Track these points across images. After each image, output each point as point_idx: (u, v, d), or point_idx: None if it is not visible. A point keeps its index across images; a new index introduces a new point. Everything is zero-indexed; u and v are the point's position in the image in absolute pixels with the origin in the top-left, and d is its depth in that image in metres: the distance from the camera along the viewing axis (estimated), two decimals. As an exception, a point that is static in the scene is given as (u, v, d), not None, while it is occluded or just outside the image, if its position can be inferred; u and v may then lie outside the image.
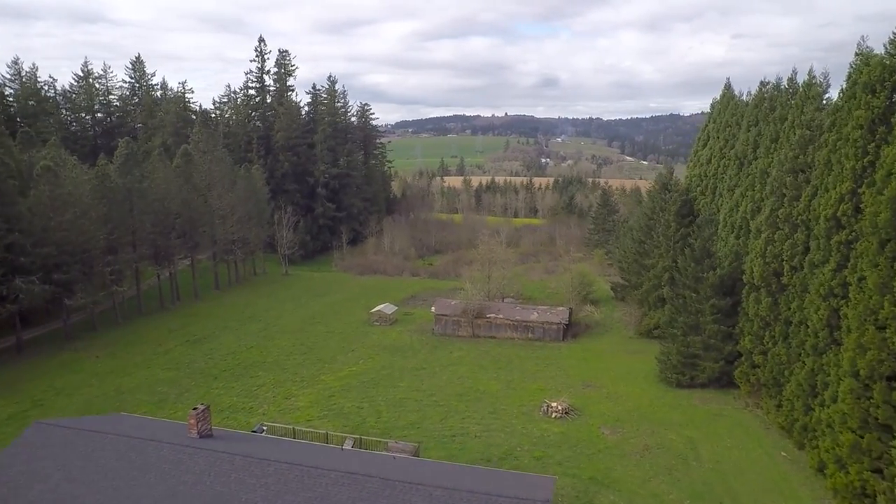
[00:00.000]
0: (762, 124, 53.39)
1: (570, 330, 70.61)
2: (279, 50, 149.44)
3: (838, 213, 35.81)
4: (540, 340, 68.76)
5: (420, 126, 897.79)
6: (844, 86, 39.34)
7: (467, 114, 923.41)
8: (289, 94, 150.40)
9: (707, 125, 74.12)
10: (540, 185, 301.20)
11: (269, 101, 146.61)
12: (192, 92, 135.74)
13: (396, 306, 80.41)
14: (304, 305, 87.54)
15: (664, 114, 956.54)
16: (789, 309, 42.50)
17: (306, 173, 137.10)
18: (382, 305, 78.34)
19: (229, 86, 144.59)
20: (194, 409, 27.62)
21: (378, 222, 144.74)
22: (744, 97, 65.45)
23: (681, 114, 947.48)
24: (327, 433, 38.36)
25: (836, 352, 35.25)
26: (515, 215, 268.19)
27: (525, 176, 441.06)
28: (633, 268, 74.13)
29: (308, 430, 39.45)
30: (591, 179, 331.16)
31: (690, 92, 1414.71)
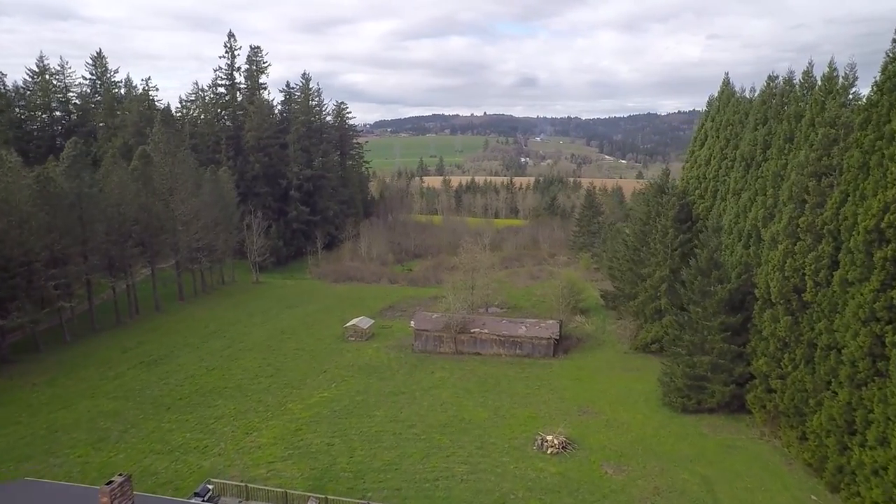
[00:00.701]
0: (773, 122, 48.66)
1: (561, 344, 65.46)
2: (251, 46, 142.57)
3: (882, 225, 30.94)
4: (529, 357, 63.47)
5: (399, 126, 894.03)
6: (878, 78, 34.62)
7: (446, 113, 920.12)
8: (261, 92, 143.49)
9: (704, 123, 69.44)
10: (520, 184, 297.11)
11: (239, 99, 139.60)
12: (157, 90, 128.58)
13: (373, 319, 74.62)
14: (275, 318, 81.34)
15: (641, 113, 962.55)
16: (813, 330, 37.68)
17: (279, 175, 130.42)
18: (358, 319, 72.52)
19: (197, 83, 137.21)
20: (109, 482, 21.74)
21: (355, 226, 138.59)
22: (746, 93, 60.87)
23: (658, 113, 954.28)
24: (286, 492, 32.43)
25: (882, 385, 30.42)
26: (496, 216, 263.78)
27: (505, 175, 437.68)
28: (627, 276, 69.20)
29: (264, 487, 33.49)
30: (571, 179, 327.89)
31: (667, 91, 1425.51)
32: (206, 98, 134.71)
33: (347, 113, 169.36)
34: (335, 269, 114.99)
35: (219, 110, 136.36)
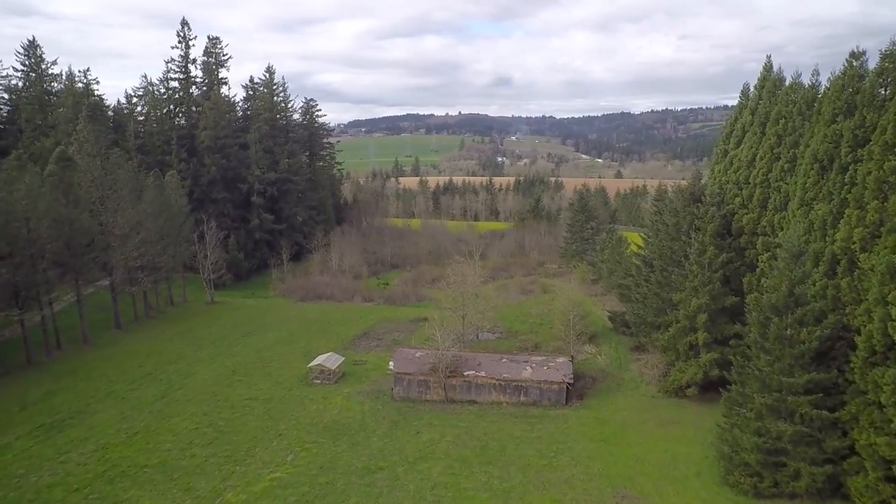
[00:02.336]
0: (866, 112, 37.07)
1: (574, 387, 53.41)
2: (209, 37, 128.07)
3: None
4: (536, 405, 51.26)
5: (374, 125, 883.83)
6: None
7: (421, 113, 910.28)
8: (220, 87, 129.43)
9: (738, 117, 58.06)
10: (500, 185, 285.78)
11: (196, 94, 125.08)
12: (98, 82, 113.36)
13: (342, 357, 61.67)
14: (226, 351, 68.09)
15: (615, 112, 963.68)
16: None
17: (238, 179, 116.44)
18: (325, 356, 59.59)
19: (147, 76, 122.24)
20: None
21: (325, 234, 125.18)
22: (803, 79, 49.47)
23: (632, 112, 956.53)
24: None
25: None
26: (475, 218, 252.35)
27: (482, 175, 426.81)
28: (651, 301, 57.37)
29: None
30: (553, 179, 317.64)
31: (640, 91, 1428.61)
32: (157, 93, 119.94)
33: (317, 110, 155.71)
34: (302, 284, 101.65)
35: (171, 107, 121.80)
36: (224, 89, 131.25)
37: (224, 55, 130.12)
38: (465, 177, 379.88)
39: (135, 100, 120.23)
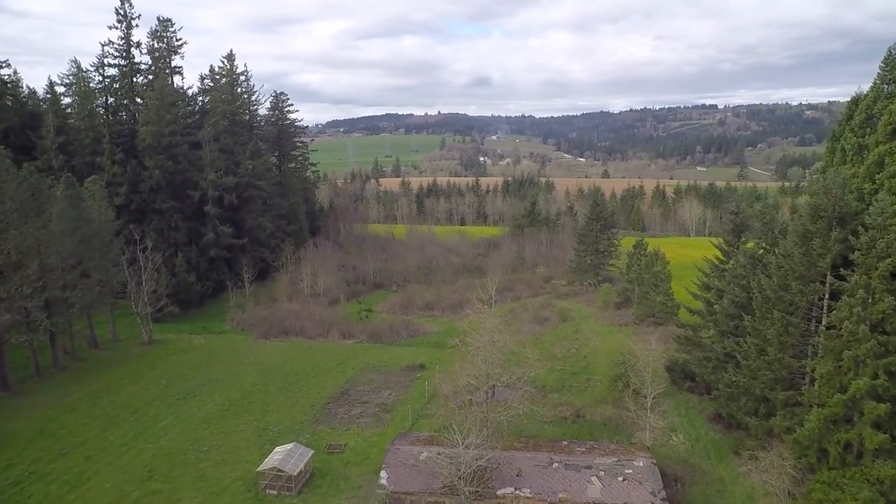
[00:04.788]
0: None
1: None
2: (158, 18, 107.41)
3: None
4: (611, 541, 33.03)
5: (352, 125, 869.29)
6: None
7: (400, 112, 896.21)
8: (173, 76, 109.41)
9: (873, 103, 40.46)
10: (488, 186, 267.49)
11: (142, 84, 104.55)
12: (9, 65, 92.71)
13: (310, 447, 42.71)
14: (150, 428, 48.93)
15: (595, 111, 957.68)
16: None
17: (189, 185, 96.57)
18: (284, 451, 40.48)
19: (76, 61, 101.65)
20: None
21: (297, 248, 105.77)
22: None
23: (611, 111, 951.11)
24: None
25: None
26: (462, 222, 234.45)
27: (465, 176, 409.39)
28: (758, 370, 39.18)
29: None
30: (543, 179, 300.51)
31: (618, 90, 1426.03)
32: (90, 82, 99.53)
33: (288, 105, 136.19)
34: (266, 315, 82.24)
35: (107, 98, 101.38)
36: (178, 80, 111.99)
37: (178, 40, 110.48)
38: (449, 177, 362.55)
39: (61, 89, 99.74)
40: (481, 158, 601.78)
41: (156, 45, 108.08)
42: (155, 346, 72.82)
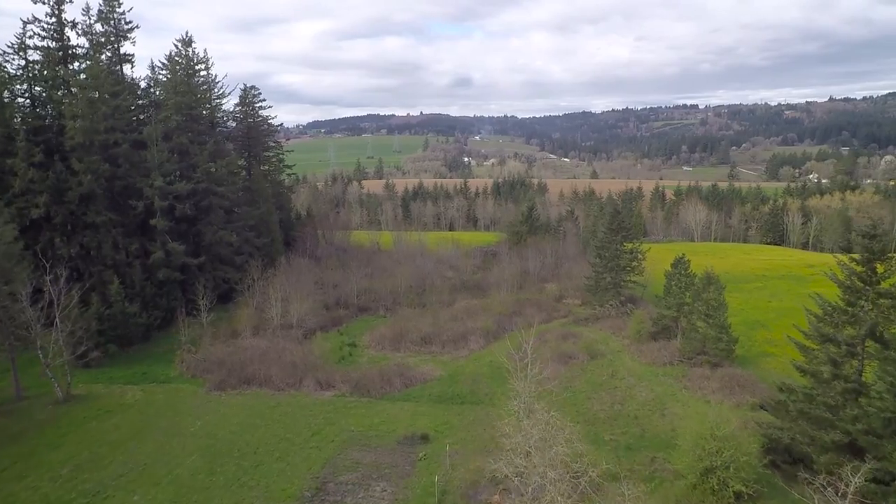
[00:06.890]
0: None
1: None
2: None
3: None
4: None
5: (333, 126, 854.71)
6: None
7: (382, 113, 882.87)
8: (120, 66, 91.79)
9: None
10: (476, 188, 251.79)
11: (77, 71, 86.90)
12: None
13: None
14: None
15: (577, 111, 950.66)
16: None
17: (132, 193, 79.24)
18: None
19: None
20: None
21: (267, 265, 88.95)
22: None
23: (593, 111, 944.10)
24: None
25: None
26: (451, 227, 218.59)
27: (449, 177, 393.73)
28: None
29: None
30: (535, 181, 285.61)
31: (599, 91, 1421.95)
32: (4, 67, 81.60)
33: (260, 100, 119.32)
34: (224, 357, 65.25)
35: (32, 87, 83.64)
36: (130, 71, 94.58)
37: (127, 22, 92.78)
38: (434, 179, 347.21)
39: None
40: (465, 159, 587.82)
41: (100, 27, 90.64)
42: (73, 404, 55.66)
